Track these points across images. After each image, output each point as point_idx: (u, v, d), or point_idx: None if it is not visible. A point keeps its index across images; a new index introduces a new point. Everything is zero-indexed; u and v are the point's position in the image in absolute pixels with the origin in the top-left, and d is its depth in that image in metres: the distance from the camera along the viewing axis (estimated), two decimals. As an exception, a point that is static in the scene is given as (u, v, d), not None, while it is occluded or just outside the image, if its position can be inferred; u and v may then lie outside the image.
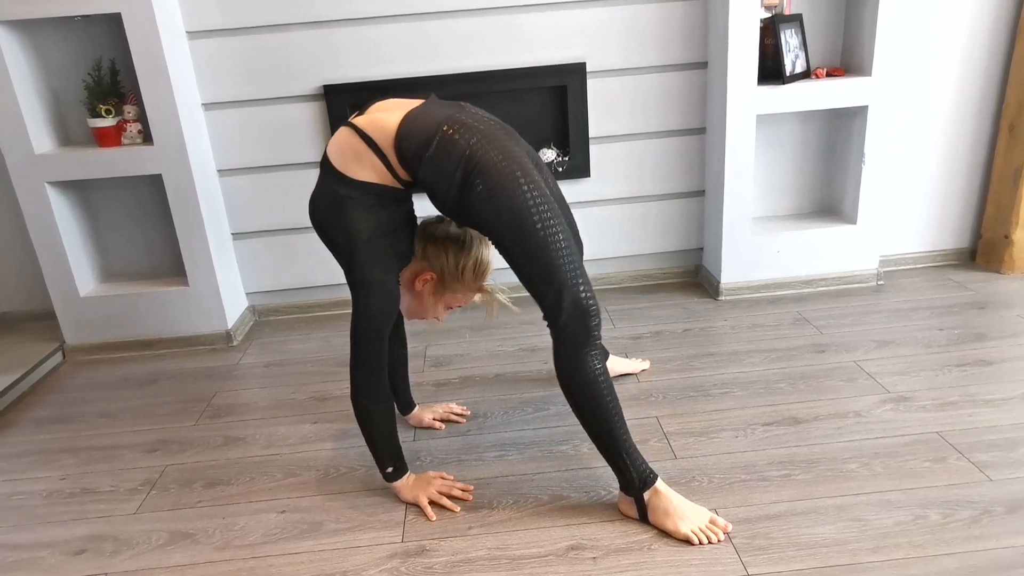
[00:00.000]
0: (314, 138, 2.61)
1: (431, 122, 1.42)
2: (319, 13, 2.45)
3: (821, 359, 2.21)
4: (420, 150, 1.40)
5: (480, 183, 1.38)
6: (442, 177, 1.40)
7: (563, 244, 1.41)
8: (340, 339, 2.61)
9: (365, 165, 1.44)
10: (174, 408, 2.21)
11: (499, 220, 1.40)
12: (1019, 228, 2.67)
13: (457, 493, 1.68)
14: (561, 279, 1.41)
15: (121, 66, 2.42)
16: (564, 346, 1.46)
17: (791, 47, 2.48)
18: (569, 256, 1.42)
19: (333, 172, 1.47)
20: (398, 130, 1.42)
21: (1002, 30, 2.59)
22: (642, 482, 1.53)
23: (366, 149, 1.44)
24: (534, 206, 1.39)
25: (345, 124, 1.49)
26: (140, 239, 2.69)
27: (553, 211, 1.41)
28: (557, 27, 2.52)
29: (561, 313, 1.43)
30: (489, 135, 1.42)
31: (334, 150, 1.48)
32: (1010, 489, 1.58)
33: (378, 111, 1.49)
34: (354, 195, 1.45)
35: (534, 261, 1.41)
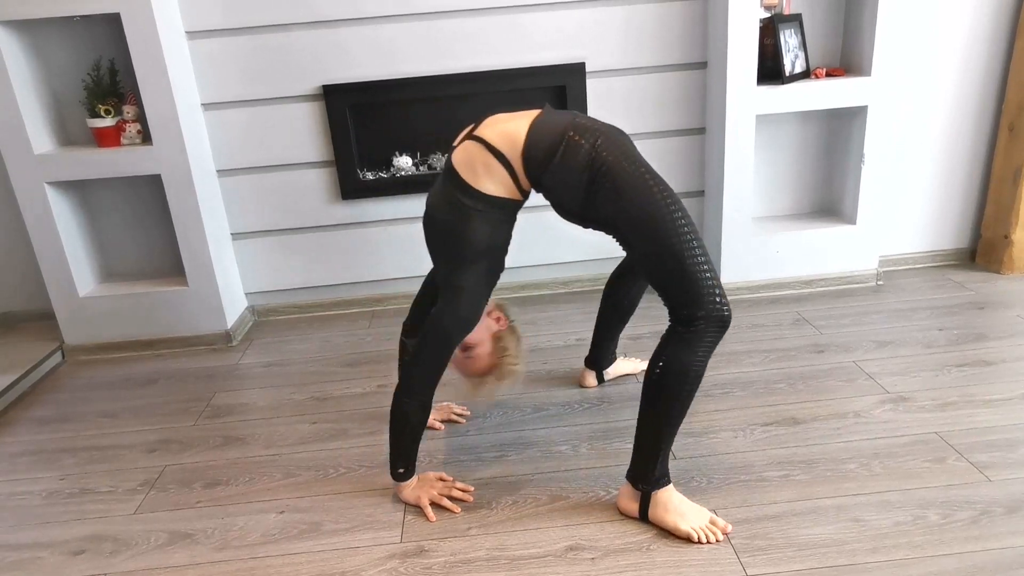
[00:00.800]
0: (314, 138, 2.61)
1: (556, 129, 1.45)
2: (319, 13, 2.45)
3: (820, 359, 2.21)
4: (547, 157, 1.44)
5: (606, 183, 1.41)
6: (569, 180, 1.44)
7: (699, 250, 1.41)
8: (340, 339, 2.61)
9: (494, 178, 1.48)
10: (174, 408, 2.21)
11: (629, 222, 1.42)
12: (1019, 228, 2.67)
13: (457, 494, 1.68)
14: (698, 291, 1.41)
15: (120, 66, 2.42)
16: (687, 337, 1.44)
17: (791, 47, 2.48)
18: (706, 262, 1.42)
19: (460, 183, 1.49)
20: (526, 139, 1.46)
21: (1002, 29, 2.58)
22: (660, 480, 1.54)
23: (495, 162, 1.47)
24: (669, 210, 1.40)
25: (471, 138, 1.52)
26: (140, 239, 2.69)
27: (686, 213, 1.42)
28: (557, 27, 2.52)
29: (696, 321, 1.42)
30: (611, 137, 1.45)
31: (463, 162, 1.50)
32: (1009, 490, 1.58)
33: (500, 123, 1.52)
34: (480, 207, 1.48)
35: (668, 269, 1.42)
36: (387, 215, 2.72)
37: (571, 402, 2.07)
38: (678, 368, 1.44)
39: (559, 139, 1.44)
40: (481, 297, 1.54)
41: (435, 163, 2.67)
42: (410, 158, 2.67)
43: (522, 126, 1.48)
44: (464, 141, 1.54)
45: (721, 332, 1.45)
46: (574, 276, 2.86)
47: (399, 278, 2.82)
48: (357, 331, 2.67)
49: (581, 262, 2.81)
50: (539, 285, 2.86)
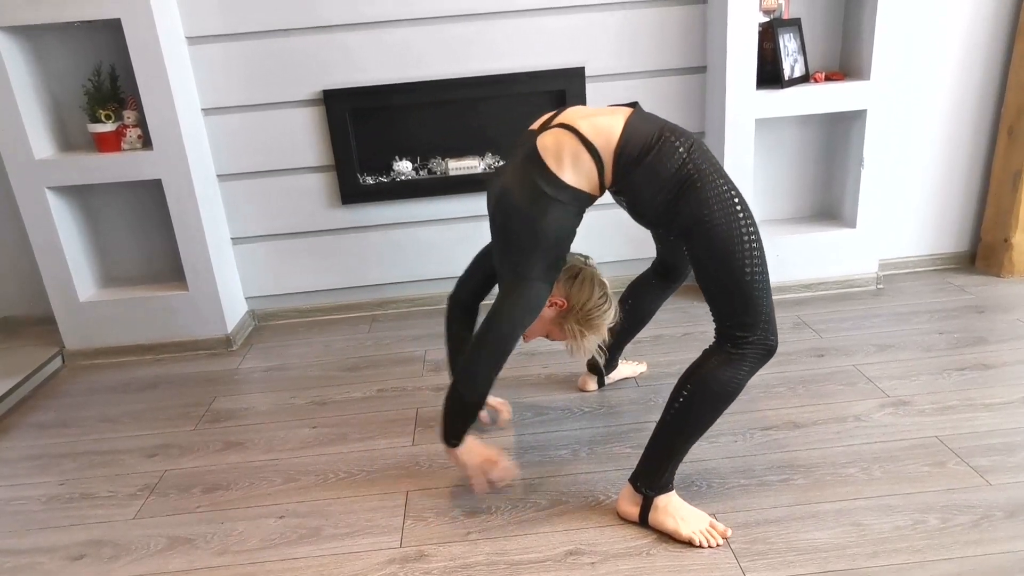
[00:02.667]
0: (314, 143, 2.61)
1: (651, 128, 1.43)
2: (319, 18, 2.46)
3: (821, 363, 2.21)
4: (642, 154, 1.41)
5: (693, 192, 1.39)
6: (657, 181, 1.41)
7: (762, 280, 1.41)
8: (340, 343, 2.61)
9: (580, 170, 1.45)
10: (174, 413, 2.21)
11: (704, 235, 1.40)
12: (1019, 232, 2.67)
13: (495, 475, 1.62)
14: (755, 317, 1.42)
15: (121, 71, 2.43)
16: (729, 355, 1.45)
17: (790, 51, 2.48)
18: (766, 292, 1.42)
19: (543, 170, 1.45)
20: (622, 135, 1.43)
21: (1000, 33, 2.59)
22: (666, 486, 1.54)
23: (586, 154, 1.44)
24: (746, 235, 1.39)
25: (563, 127, 1.48)
26: (140, 244, 2.70)
27: (760, 242, 1.42)
28: (556, 31, 2.53)
29: (744, 344, 1.43)
30: (703, 146, 1.44)
31: (551, 149, 1.46)
32: (1009, 494, 1.58)
33: (592, 116, 1.48)
34: (562, 198, 1.44)
35: (729, 291, 1.42)
36: (387, 219, 2.73)
37: (571, 406, 2.07)
38: (716, 386, 1.45)
39: (655, 139, 1.41)
40: (545, 290, 1.50)
41: (435, 167, 2.68)
42: (410, 162, 2.67)
43: (617, 122, 1.45)
44: (554, 128, 1.49)
45: (765, 360, 1.46)
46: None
47: (399, 282, 2.82)
48: (358, 335, 2.67)
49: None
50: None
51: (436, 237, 2.76)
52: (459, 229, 2.75)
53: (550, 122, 1.52)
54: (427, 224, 2.74)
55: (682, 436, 1.50)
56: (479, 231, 2.76)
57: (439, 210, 2.72)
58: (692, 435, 1.50)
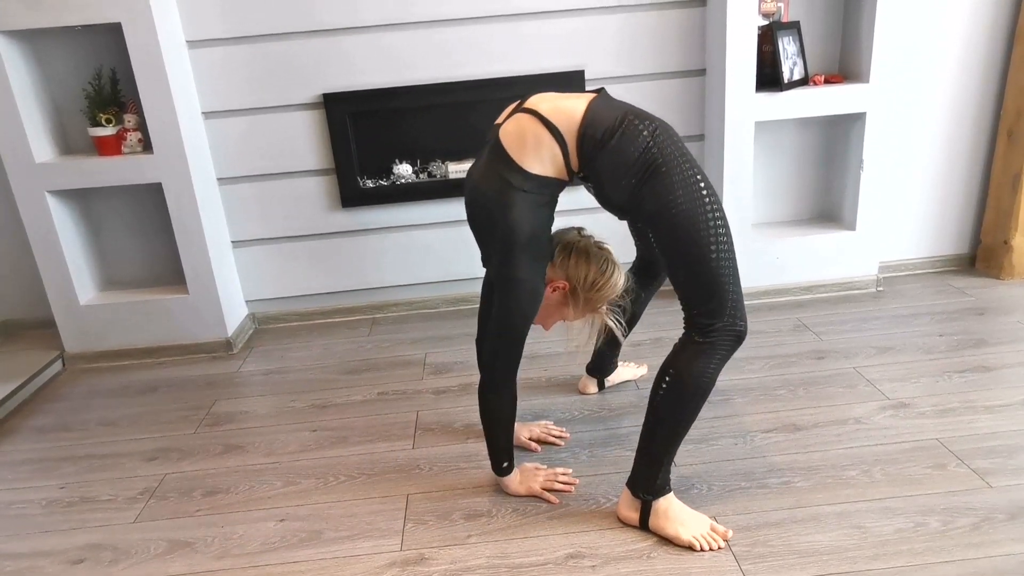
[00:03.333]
0: (314, 146, 2.61)
1: (616, 111, 1.41)
2: (319, 22, 2.46)
3: (821, 365, 2.21)
4: (605, 137, 1.39)
5: (659, 177, 1.38)
6: (621, 165, 1.39)
7: (729, 264, 1.40)
8: (341, 346, 2.61)
9: (543, 155, 1.43)
10: (174, 416, 2.21)
11: (670, 220, 1.38)
12: (1018, 234, 2.67)
13: (559, 486, 1.70)
14: (721, 302, 1.41)
15: (121, 75, 2.43)
16: (699, 347, 1.45)
17: (789, 54, 2.48)
18: (733, 277, 1.42)
19: (507, 161, 1.43)
20: (584, 116, 1.41)
21: (999, 36, 2.59)
22: (662, 488, 1.53)
23: (548, 136, 1.42)
24: (711, 219, 1.38)
25: (524, 111, 1.46)
26: (140, 247, 2.70)
27: (727, 226, 1.40)
28: (556, 34, 2.53)
29: (711, 331, 1.43)
30: (667, 130, 1.42)
31: (513, 136, 1.44)
32: (1010, 496, 1.58)
33: (554, 99, 1.47)
34: (527, 188, 1.42)
35: (696, 275, 1.41)
36: (387, 223, 2.73)
37: (571, 409, 2.07)
38: (689, 378, 1.45)
39: (618, 121, 1.39)
40: (537, 284, 1.49)
41: (435, 171, 2.68)
42: (410, 166, 2.67)
43: (580, 104, 1.43)
44: (516, 115, 1.47)
45: (735, 347, 1.46)
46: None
47: (399, 285, 2.82)
48: (358, 338, 2.67)
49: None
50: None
51: (436, 240, 2.76)
52: (459, 232, 2.75)
53: (514, 112, 1.50)
54: (427, 227, 2.74)
55: (665, 436, 1.50)
56: (479, 234, 2.75)
57: (439, 213, 2.72)
58: (675, 434, 1.50)
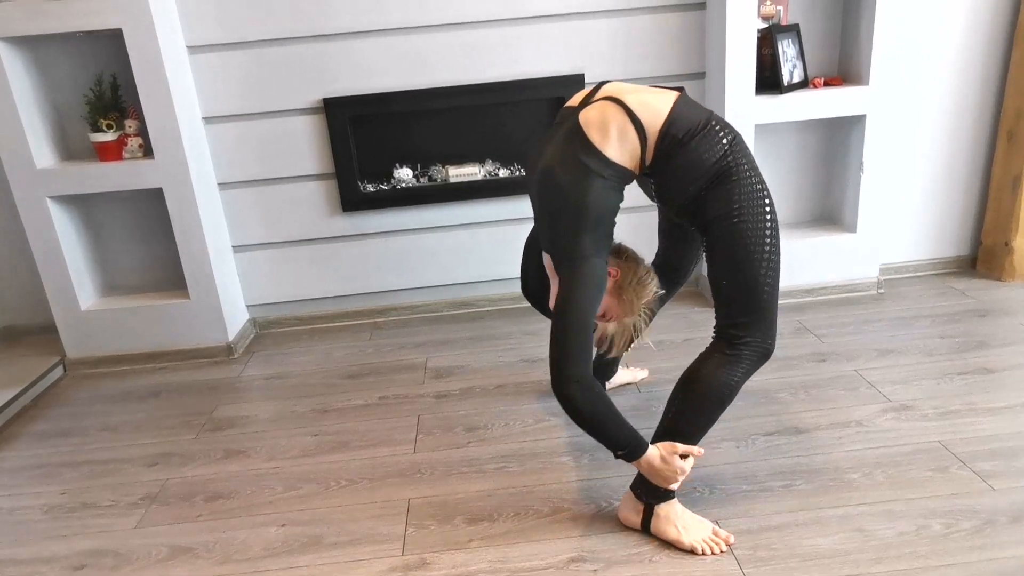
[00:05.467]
0: (314, 151, 2.62)
1: (700, 114, 1.44)
2: (320, 27, 2.47)
3: (822, 368, 2.20)
4: (686, 138, 1.41)
5: (727, 184, 1.40)
6: (696, 167, 1.41)
7: (773, 283, 1.43)
8: (342, 351, 2.61)
9: (625, 144, 1.43)
10: (175, 421, 2.21)
11: (728, 230, 1.41)
12: (1019, 235, 2.67)
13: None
14: (758, 318, 1.44)
15: (122, 81, 2.43)
16: (726, 357, 1.46)
17: (789, 57, 2.49)
18: (774, 295, 1.45)
19: (587, 145, 1.43)
20: (669, 115, 1.42)
21: (999, 37, 2.59)
22: (666, 493, 1.53)
23: (632, 129, 1.43)
24: (768, 236, 1.41)
25: (608, 99, 1.46)
26: (141, 252, 2.70)
27: (779, 246, 1.43)
28: (555, 38, 2.54)
29: (741, 343, 1.45)
30: (742, 142, 1.45)
31: (595, 122, 1.44)
32: (1013, 499, 1.57)
33: (639, 93, 1.47)
34: (606, 174, 1.42)
35: (740, 286, 1.43)
36: (388, 227, 2.73)
37: (573, 413, 2.07)
38: (712, 389, 1.46)
39: (702, 125, 1.41)
40: (602, 265, 1.46)
41: (435, 175, 2.68)
42: (410, 170, 2.67)
43: (666, 102, 1.44)
44: (599, 101, 1.47)
45: (760, 363, 1.48)
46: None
47: (401, 289, 2.82)
48: (359, 343, 2.67)
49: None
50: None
51: (437, 244, 2.76)
52: (460, 236, 2.75)
53: (591, 98, 1.50)
54: (428, 231, 2.74)
55: (679, 433, 1.50)
56: (479, 238, 2.76)
57: (440, 217, 2.72)
58: (689, 440, 1.50)
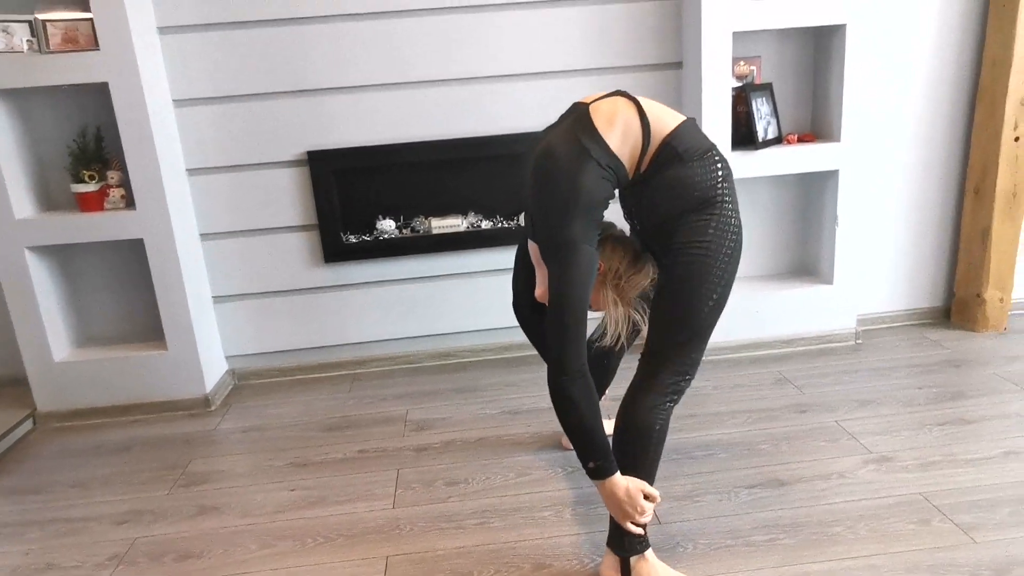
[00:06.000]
0: (297, 202, 2.63)
1: (704, 140, 1.48)
2: (305, 82, 2.51)
3: (803, 419, 2.21)
4: (687, 156, 1.44)
5: (705, 214, 1.43)
6: (686, 187, 1.44)
7: (711, 322, 1.47)
8: (321, 403, 2.58)
9: (628, 142, 1.45)
10: (147, 476, 2.16)
11: (690, 261, 1.43)
12: (990, 287, 2.73)
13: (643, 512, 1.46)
14: (685, 347, 1.47)
15: (107, 132, 2.45)
16: (650, 392, 1.48)
17: (763, 114, 2.57)
18: (708, 334, 1.48)
19: (591, 131, 1.45)
20: (675, 129, 1.46)
21: (961, 99, 2.70)
22: (639, 544, 1.50)
23: (639, 128, 1.45)
24: (723, 272, 1.44)
25: (627, 97, 1.49)
26: (119, 303, 2.67)
27: (730, 286, 1.48)
28: (536, 94, 2.60)
29: (666, 372, 1.47)
30: (733, 181, 1.49)
31: (604, 112, 1.46)
32: (994, 552, 1.57)
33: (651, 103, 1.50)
34: (603, 162, 1.43)
35: (678, 313, 1.46)
36: (370, 277, 2.73)
37: (555, 465, 2.05)
38: (639, 425, 1.47)
39: (704, 149, 1.45)
40: (593, 250, 1.44)
41: (418, 226, 2.70)
42: (393, 221, 2.69)
43: (676, 117, 1.48)
44: (613, 96, 1.50)
45: (677, 396, 1.50)
46: (557, 337, 2.86)
47: (382, 340, 2.81)
48: (339, 394, 2.64)
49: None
50: (523, 346, 2.86)
51: (419, 295, 2.77)
52: (442, 287, 2.76)
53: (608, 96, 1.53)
54: (410, 282, 2.75)
55: None
56: (461, 289, 2.77)
57: (422, 268, 2.73)
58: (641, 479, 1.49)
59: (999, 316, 2.76)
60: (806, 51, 2.66)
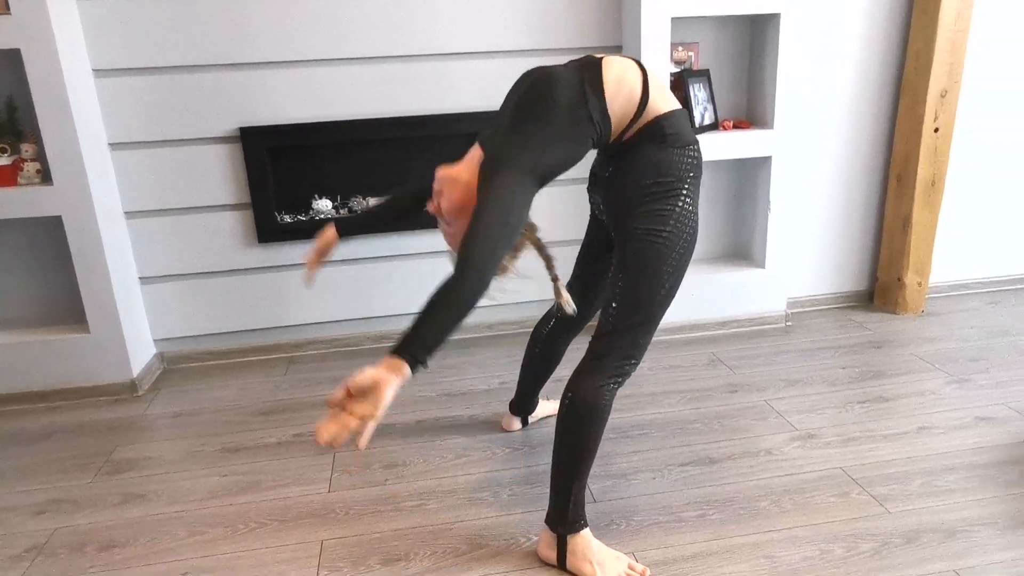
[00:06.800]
0: (229, 180, 2.54)
1: (691, 133, 1.48)
2: (238, 55, 2.42)
3: (734, 399, 2.28)
4: (671, 140, 1.44)
5: (669, 205, 1.43)
6: (659, 167, 1.43)
7: (662, 309, 1.50)
8: (255, 386, 2.51)
9: (624, 107, 1.43)
10: (68, 465, 2.06)
11: (645, 249, 1.44)
12: (910, 272, 2.86)
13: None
14: (635, 332, 1.49)
15: (20, 103, 2.31)
16: (595, 373, 1.50)
17: (700, 100, 2.61)
18: (658, 319, 1.52)
19: (597, 83, 1.41)
20: (672, 111, 1.45)
21: (886, 90, 2.81)
22: (575, 523, 1.52)
23: (639, 96, 1.43)
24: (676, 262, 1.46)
25: (638, 64, 1.46)
26: (36, 283, 2.54)
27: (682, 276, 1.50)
28: (477, 75, 2.57)
29: (614, 355, 1.49)
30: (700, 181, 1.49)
31: (616, 72, 1.43)
32: (906, 521, 1.66)
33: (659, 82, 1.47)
34: (595, 116, 1.40)
35: (639, 306, 1.48)
36: (306, 259, 2.66)
37: (493, 447, 2.06)
38: (584, 405, 1.49)
39: (689, 140, 1.46)
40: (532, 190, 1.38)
41: (356, 206, 2.65)
42: (330, 201, 2.63)
43: (672, 101, 1.48)
44: (629, 60, 1.48)
45: (623, 378, 1.53)
46: (499, 319, 2.87)
47: (318, 323, 2.75)
48: (274, 377, 2.58)
49: (505, 305, 2.83)
50: (463, 328, 2.85)
51: (357, 276, 2.72)
52: (381, 268, 2.72)
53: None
54: (348, 263, 2.70)
55: (568, 464, 1.51)
56: (401, 270, 2.73)
57: (359, 249, 2.68)
58: (577, 461, 1.51)
59: (917, 299, 2.91)
60: (742, 39, 2.71)
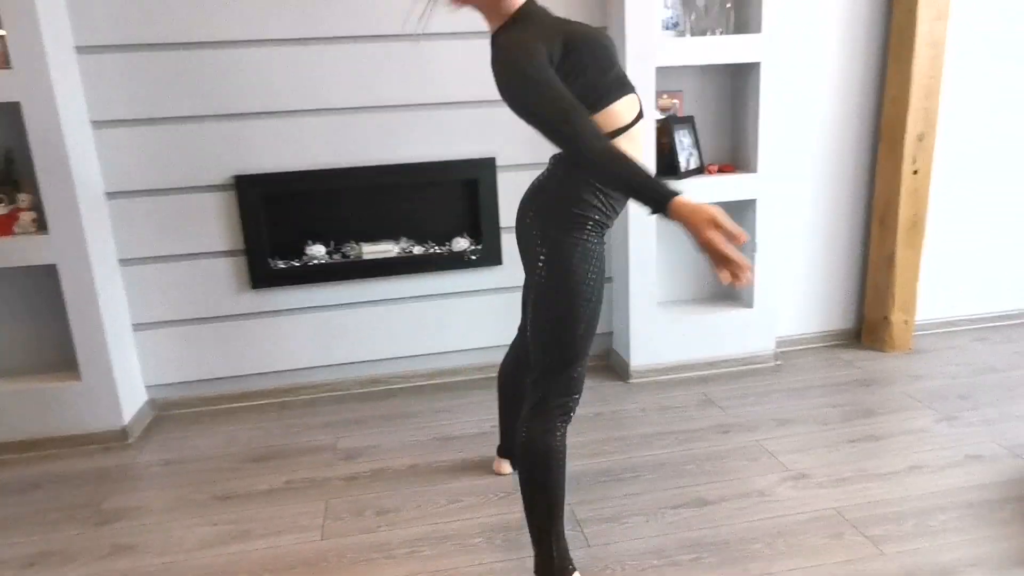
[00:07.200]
0: (224, 227, 2.57)
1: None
2: (231, 106, 2.48)
3: (726, 439, 2.29)
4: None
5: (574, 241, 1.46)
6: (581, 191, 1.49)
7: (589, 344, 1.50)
8: (247, 432, 2.50)
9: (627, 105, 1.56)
10: (57, 516, 2.04)
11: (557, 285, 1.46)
12: (896, 310, 2.90)
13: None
14: (573, 373, 1.50)
15: (19, 154, 2.34)
16: (539, 416, 1.51)
17: (685, 145, 2.68)
18: (591, 336, 1.50)
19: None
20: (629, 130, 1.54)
21: (864, 136, 2.89)
22: (562, 570, 1.52)
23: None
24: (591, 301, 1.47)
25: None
26: (28, 331, 2.53)
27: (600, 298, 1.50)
28: (468, 122, 2.64)
29: (553, 395, 1.50)
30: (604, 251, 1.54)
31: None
32: (901, 562, 1.66)
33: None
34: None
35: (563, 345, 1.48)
36: (298, 303, 2.69)
37: (487, 492, 2.05)
38: (536, 448, 1.50)
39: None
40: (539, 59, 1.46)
41: (349, 252, 2.68)
42: (323, 247, 2.67)
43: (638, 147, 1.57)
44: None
45: (567, 405, 1.53)
46: (488, 361, 2.87)
47: (310, 367, 2.76)
48: (265, 423, 2.57)
49: (495, 348, 2.84)
50: (454, 371, 2.86)
51: (348, 321, 2.74)
52: (373, 312, 2.74)
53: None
54: (340, 308, 2.72)
55: (536, 508, 1.53)
56: (392, 315, 2.75)
57: (352, 294, 2.71)
58: (544, 504, 1.52)
59: (905, 337, 2.94)
60: (725, 86, 2.80)
